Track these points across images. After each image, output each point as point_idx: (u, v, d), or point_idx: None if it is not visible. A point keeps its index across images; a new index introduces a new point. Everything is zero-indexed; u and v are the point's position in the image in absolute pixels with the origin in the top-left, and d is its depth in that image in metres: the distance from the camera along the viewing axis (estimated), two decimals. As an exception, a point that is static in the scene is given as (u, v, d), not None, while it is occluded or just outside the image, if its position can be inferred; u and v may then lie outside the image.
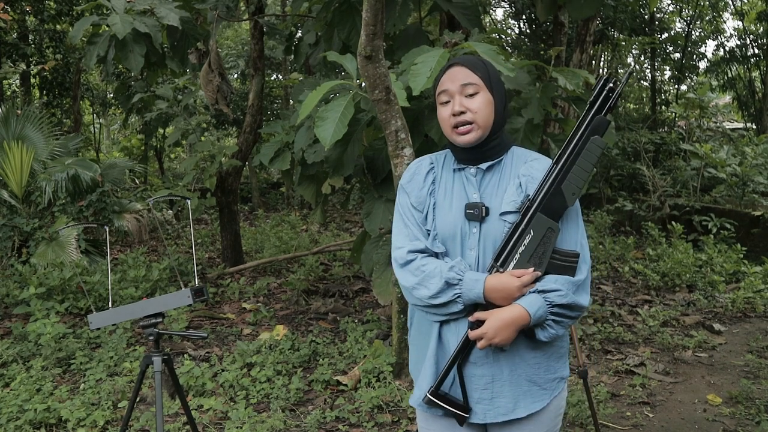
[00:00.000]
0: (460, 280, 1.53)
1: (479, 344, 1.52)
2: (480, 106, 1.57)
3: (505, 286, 1.51)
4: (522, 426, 1.63)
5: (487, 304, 1.53)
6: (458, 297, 1.53)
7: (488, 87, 1.59)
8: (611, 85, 1.54)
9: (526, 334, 1.55)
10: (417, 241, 1.62)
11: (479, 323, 1.53)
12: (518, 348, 1.58)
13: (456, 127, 1.58)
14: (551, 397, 1.63)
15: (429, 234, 1.62)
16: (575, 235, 1.57)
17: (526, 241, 1.51)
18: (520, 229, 1.52)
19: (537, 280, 1.54)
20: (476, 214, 1.55)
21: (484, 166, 1.62)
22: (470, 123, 1.57)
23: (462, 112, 1.57)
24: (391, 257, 1.66)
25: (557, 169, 1.53)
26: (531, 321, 1.50)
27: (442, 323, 1.61)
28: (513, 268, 1.52)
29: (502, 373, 1.58)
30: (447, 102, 1.60)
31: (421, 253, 1.61)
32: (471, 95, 1.58)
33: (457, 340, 1.58)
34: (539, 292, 1.52)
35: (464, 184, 1.62)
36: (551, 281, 1.53)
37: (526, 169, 1.60)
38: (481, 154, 1.62)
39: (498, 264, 1.54)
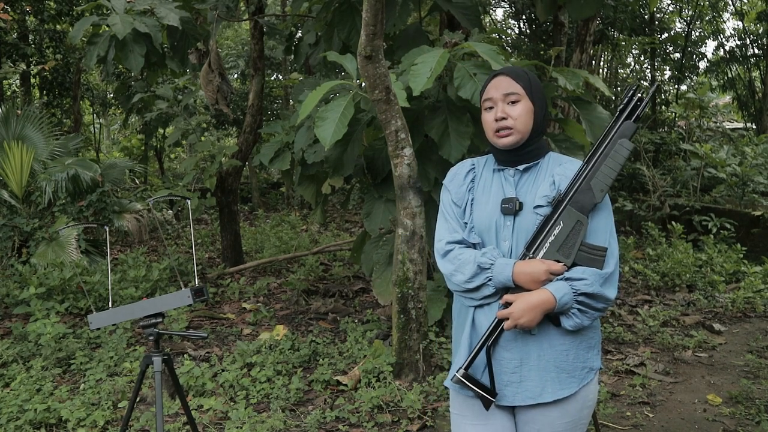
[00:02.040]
0: (492, 264, 1.66)
1: (505, 325, 1.62)
2: (520, 114, 1.69)
3: (532, 270, 1.62)
4: (548, 411, 1.69)
5: (517, 288, 1.64)
6: (489, 280, 1.66)
7: (529, 96, 1.71)
8: (640, 95, 1.70)
9: (553, 322, 1.65)
10: (455, 233, 1.77)
11: (509, 305, 1.63)
12: (546, 333, 1.67)
13: (497, 131, 1.71)
14: (579, 385, 1.69)
15: (467, 226, 1.76)
16: (604, 231, 1.67)
17: (555, 232, 1.63)
18: (551, 221, 1.64)
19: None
20: (510, 208, 1.68)
21: (521, 167, 1.74)
22: (510, 128, 1.69)
23: (503, 118, 1.69)
24: (434, 249, 1.81)
25: (588, 167, 1.67)
26: (556, 306, 1.59)
27: (476, 308, 1.72)
28: (542, 257, 1.63)
29: (530, 357, 1.67)
30: (491, 108, 1.73)
31: (458, 243, 1.75)
32: (513, 103, 1.70)
33: (489, 323, 1.68)
34: (566, 279, 1.62)
35: (502, 183, 1.75)
36: (579, 271, 1.63)
37: (560, 170, 1.73)
38: (519, 157, 1.74)
39: (530, 252, 1.65)
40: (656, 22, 12.99)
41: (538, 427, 1.71)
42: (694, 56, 13.77)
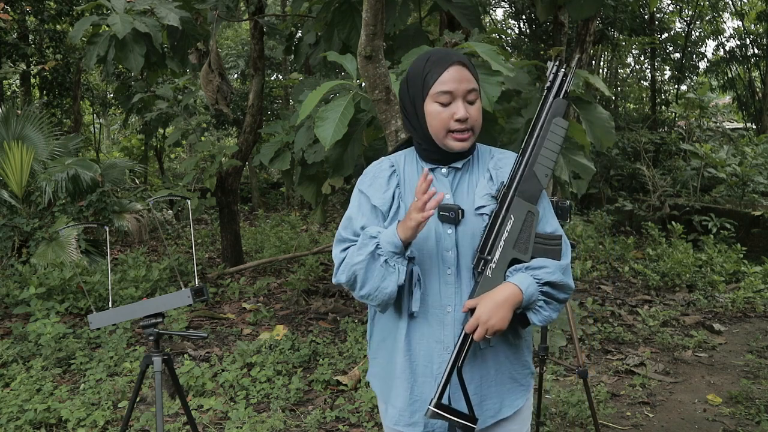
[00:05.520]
0: (379, 232, 1.47)
1: (476, 334, 1.43)
2: (478, 114, 1.53)
3: (408, 219, 1.41)
4: (506, 426, 1.59)
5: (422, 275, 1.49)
6: (378, 247, 1.45)
7: (479, 91, 1.55)
8: (563, 69, 1.55)
9: (520, 322, 1.50)
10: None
11: (472, 314, 1.45)
12: (500, 345, 1.55)
13: (453, 131, 1.50)
14: (528, 392, 1.61)
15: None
16: (551, 218, 1.56)
17: (508, 227, 1.48)
18: (501, 217, 1.49)
19: (517, 262, 1.51)
20: (452, 217, 1.48)
21: (459, 164, 1.56)
22: (470, 131, 1.51)
23: (466, 119, 1.50)
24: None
25: (527, 153, 1.52)
26: (524, 298, 1.44)
27: (408, 330, 1.54)
28: (499, 258, 1.47)
29: (489, 372, 1.54)
30: (447, 104, 1.49)
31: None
32: (472, 102, 1.52)
33: (427, 347, 1.52)
34: (526, 269, 1.48)
35: (434, 185, 1.54)
36: (537, 261, 1.49)
37: (494, 163, 1.58)
38: (455, 155, 1.56)
39: (485, 255, 1.48)
40: (656, 22, 13.00)
41: None
42: (694, 56, 13.78)
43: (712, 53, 15.14)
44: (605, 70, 14.42)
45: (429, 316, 1.52)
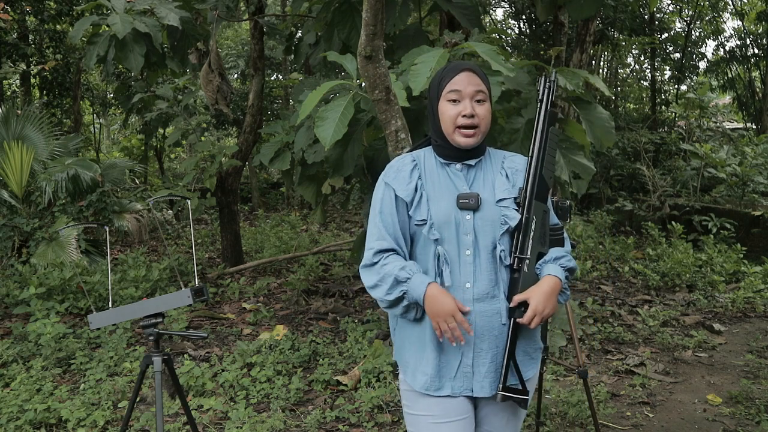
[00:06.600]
0: (408, 278, 1.65)
1: (534, 323, 1.64)
2: (486, 114, 1.72)
3: (440, 303, 1.61)
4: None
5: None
6: (404, 293, 1.66)
7: (489, 97, 1.75)
8: (549, 82, 1.80)
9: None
10: (383, 240, 1.72)
11: (520, 308, 1.65)
12: (521, 327, 1.70)
13: (461, 127, 1.70)
14: (538, 365, 1.79)
15: (426, 223, 1.69)
16: (552, 212, 1.80)
17: (533, 227, 1.70)
18: (525, 218, 1.70)
19: (540, 255, 1.72)
20: (471, 203, 1.68)
21: (472, 162, 1.76)
22: (476, 127, 1.70)
23: (472, 116, 1.69)
24: (364, 257, 1.76)
25: (534, 160, 1.75)
26: (562, 286, 1.69)
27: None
28: (530, 253, 1.68)
29: (504, 345, 1.71)
30: (455, 101, 1.70)
31: (386, 252, 1.71)
32: (479, 102, 1.71)
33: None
34: (555, 261, 1.71)
35: (451, 178, 1.74)
36: (556, 251, 1.74)
37: (509, 163, 1.79)
38: (467, 153, 1.75)
39: (521, 254, 1.68)
40: (656, 22, 13.00)
41: (507, 415, 1.76)
42: (694, 56, 13.78)
43: (712, 53, 15.15)
44: (605, 70, 14.43)
45: (452, 292, 1.68)
